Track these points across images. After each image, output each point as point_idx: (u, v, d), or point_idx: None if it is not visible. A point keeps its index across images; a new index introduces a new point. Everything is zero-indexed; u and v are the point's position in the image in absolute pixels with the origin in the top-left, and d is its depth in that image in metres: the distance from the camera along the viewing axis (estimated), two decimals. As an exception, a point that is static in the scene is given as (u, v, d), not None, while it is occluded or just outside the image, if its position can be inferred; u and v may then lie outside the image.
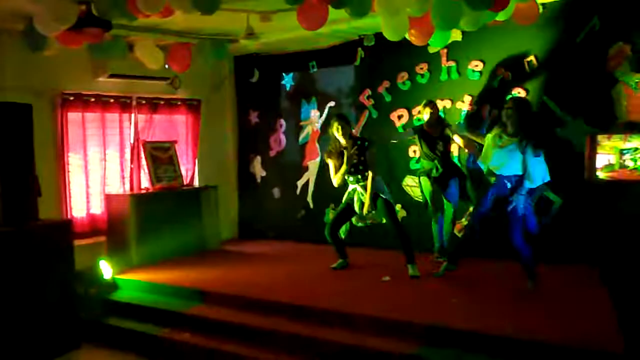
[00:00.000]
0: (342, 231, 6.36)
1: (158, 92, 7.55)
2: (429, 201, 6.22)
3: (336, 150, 6.03)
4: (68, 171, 6.69)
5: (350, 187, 6.07)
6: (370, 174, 5.87)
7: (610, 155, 1.07)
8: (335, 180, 6.01)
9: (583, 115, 5.81)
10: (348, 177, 6.00)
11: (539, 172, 5.00)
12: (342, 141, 5.98)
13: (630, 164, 1.03)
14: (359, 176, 5.94)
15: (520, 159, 5.02)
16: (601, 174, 1.04)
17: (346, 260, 6.32)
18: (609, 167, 1.03)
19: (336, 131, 5.98)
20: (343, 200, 6.15)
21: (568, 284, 5.24)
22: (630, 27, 5.55)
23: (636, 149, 1.01)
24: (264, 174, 8.45)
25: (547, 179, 5.04)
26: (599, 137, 1.15)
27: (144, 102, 7.42)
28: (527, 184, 5.01)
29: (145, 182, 7.42)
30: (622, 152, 1.04)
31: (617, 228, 1.08)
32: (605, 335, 3.94)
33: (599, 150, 1.08)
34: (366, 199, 5.88)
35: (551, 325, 4.25)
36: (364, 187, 5.92)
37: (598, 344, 3.83)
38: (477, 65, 6.48)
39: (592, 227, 4.98)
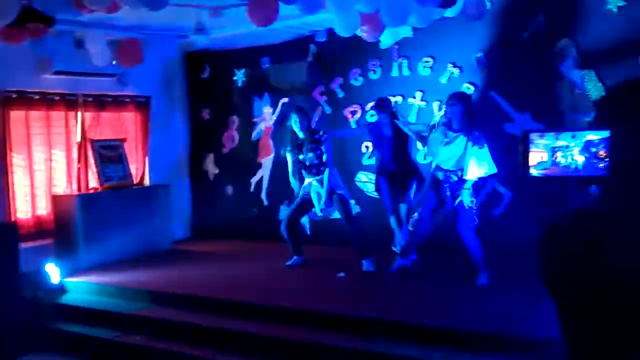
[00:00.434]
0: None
1: (105, 89, 7.35)
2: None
3: (294, 144, 6.01)
4: (12, 172, 6.45)
5: (306, 180, 6.05)
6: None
7: (543, 153, 1.11)
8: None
9: (530, 110, 5.96)
10: (304, 171, 5.98)
11: (483, 165, 5.10)
12: (300, 134, 5.96)
13: (561, 160, 1.07)
14: (314, 170, 5.93)
15: (465, 153, 5.13)
16: (534, 171, 1.08)
17: (302, 257, 6.30)
18: (542, 164, 1.07)
19: (294, 124, 5.96)
20: (299, 195, 6.13)
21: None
22: (575, 25, 5.70)
23: (567, 146, 1.05)
24: (216, 171, 8.35)
25: (494, 171, 5.14)
26: (532, 136, 1.19)
27: (90, 99, 7.21)
28: (468, 178, 5.14)
29: (93, 182, 7.22)
30: (553, 150, 1.08)
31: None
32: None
33: (532, 149, 1.12)
34: (322, 193, 5.88)
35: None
36: (320, 182, 5.91)
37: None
38: (427, 62, 6.56)
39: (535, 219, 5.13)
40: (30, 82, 6.61)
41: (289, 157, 6.11)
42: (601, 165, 0.90)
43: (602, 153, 0.91)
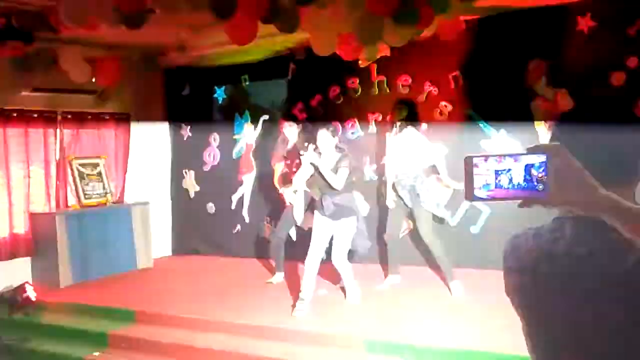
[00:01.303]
0: None
1: (85, 106, 7.34)
2: None
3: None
4: (-12, 189, 6.41)
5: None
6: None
7: (488, 176, 1.17)
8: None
9: (505, 127, 6.07)
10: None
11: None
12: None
13: (504, 183, 1.13)
14: None
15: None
16: (481, 193, 1.14)
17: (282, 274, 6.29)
18: (486, 186, 1.13)
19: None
20: None
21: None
22: (547, 44, 5.83)
23: (509, 169, 1.11)
24: (197, 189, 8.34)
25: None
26: (475, 160, 1.25)
27: (69, 116, 7.21)
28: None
29: (72, 200, 7.18)
30: (497, 173, 1.14)
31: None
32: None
33: (476, 172, 1.18)
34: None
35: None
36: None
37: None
38: (406, 80, 6.65)
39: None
40: (9, 98, 6.59)
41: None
42: (540, 187, 0.97)
43: (540, 175, 0.97)
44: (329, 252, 5.30)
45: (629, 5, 5.38)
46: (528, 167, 1.07)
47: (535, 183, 1.06)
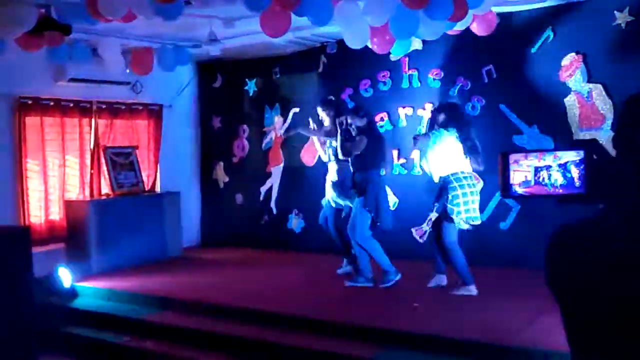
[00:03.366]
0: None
1: (119, 97, 7.47)
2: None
3: None
4: (26, 177, 6.57)
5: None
6: None
7: (528, 172, 1.16)
8: None
9: (537, 123, 6.00)
10: None
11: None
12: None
13: (544, 180, 1.12)
14: None
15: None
16: (519, 190, 1.13)
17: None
18: (526, 183, 1.12)
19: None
20: None
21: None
22: (583, 39, 5.75)
23: (549, 166, 1.10)
24: (226, 179, 8.43)
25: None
26: (516, 156, 1.24)
27: (104, 107, 7.33)
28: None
29: (105, 188, 7.32)
30: (537, 170, 1.13)
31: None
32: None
33: (517, 168, 1.17)
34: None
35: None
36: None
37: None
38: (437, 74, 6.62)
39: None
40: (46, 89, 6.74)
41: None
42: (578, 184, 0.97)
43: (578, 172, 0.97)
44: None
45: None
46: (567, 164, 1.08)
47: (575, 180, 1.07)
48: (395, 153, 6.86)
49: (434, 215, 5.42)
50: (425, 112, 6.70)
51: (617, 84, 5.54)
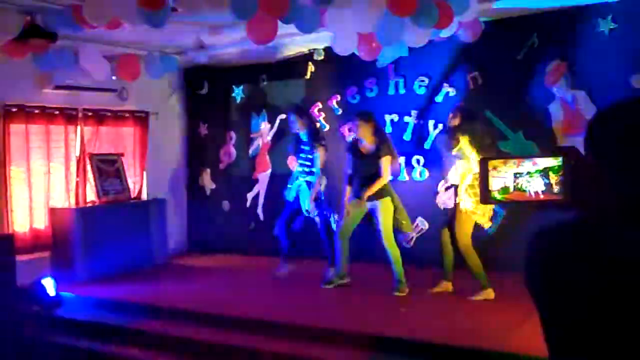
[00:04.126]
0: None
1: (105, 103, 7.43)
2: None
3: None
4: (10, 184, 6.50)
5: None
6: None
7: (506, 178, 1.16)
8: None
9: (522, 129, 6.06)
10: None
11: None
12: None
13: (523, 186, 1.13)
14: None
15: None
16: (498, 196, 1.13)
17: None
18: (505, 189, 1.12)
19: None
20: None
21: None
22: (567, 46, 5.82)
23: (528, 172, 1.10)
24: (213, 186, 8.41)
25: None
26: (494, 162, 1.24)
27: (90, 114, 7.29)
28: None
29: (91, 196, 7.27)
30: (515, 176, 1.14)
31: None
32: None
33: (496, 175, 1.18)
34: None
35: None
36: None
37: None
38: (423, 81, 6.66)
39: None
40: (31, 96, 6.69)
41: None
42: (557, 190, 0.98)
43: (556, 178, 0.99)
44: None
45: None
46: (546, 170, 1.09)
47: (553, 186, 1.08)
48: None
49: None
50: (411, 119, 6.74)
51: (600, 90, 5.60)
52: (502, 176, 1.10)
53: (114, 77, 6.54)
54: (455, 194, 5.33)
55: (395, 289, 5.56)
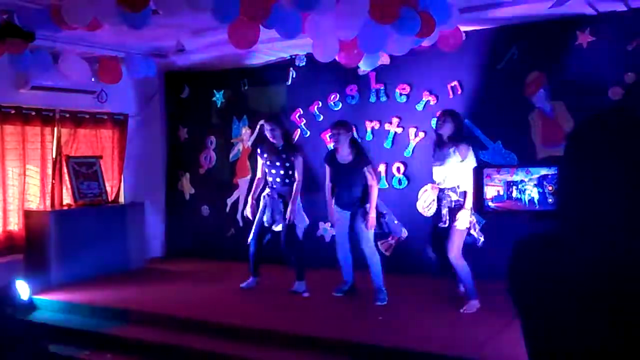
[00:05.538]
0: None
1: (83, 105, 7.34)
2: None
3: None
4: (-16, 185, 6.39)
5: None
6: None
7: (500, 187, 1.16)
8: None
9: (502, 139, 6.11)
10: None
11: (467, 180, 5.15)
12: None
13: (517, 195, 1.12)
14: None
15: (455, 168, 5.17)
16: (492, 205, 1.13)
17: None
18: (498, 198, 1.12)
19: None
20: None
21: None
22: (546, 57, 5.88)
23: (522, 181, 1.10)
24: (192, 191, 8.34)
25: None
26: (489, 170, 1.24)
27: (67, 115, 7.19)
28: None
29: (67, 198, 7.17)
30: (509, 185, 1.13)
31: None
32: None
33: (489, 183, 1.17)
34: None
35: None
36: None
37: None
38: (404, 89, 6.68)
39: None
40: (7, 96, 6.58)
41: None
42: (551, 200, 0.98)
43: (550, 188, 0.98)
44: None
45: (628, 23, 5.43)
46: (541, 180, 1.09)
47: (548, 196, 1.08)
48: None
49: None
50: (392, 127, 6.75)
51: (578, 102, 5.67)
52: (496, 184, 1.09)
53: (93, 79, 6.46)
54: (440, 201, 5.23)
55: (377, 299, 5.51)
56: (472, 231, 5.15)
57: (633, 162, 1.15)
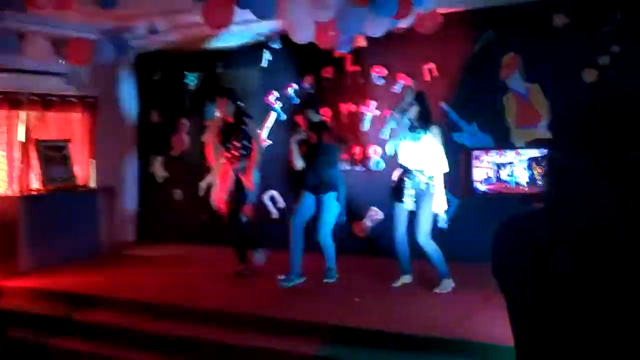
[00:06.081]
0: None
1: (52, 88, 7.14)
2: None
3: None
4: (-52, 171, 6.20)
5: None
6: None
7: (489, 169, 1.13)
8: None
9: (477, 121, 6.12)
10: None
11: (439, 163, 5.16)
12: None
13: (506, 177, 1.10)
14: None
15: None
16: (481, 187, 1.09)
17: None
18: (488, 180, 1.09)
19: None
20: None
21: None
22: (522, 39, 5.90)
23: (511, 163, 1.08)
24: (165, 174, 8.21)
25: (446, 169, 5.17)
26: (477, 152, 1.20)
27: (36, 98, 6.99)
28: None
29: (36, 183, 7.00)
30: (498, 167, 1.11)
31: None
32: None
33: (478, 165, 1.14)
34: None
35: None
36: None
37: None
38: (380, 71, 6.64)
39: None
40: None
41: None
42: (541, 182, 0.96)
43: (539, 170, 0.97)
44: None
45: (602, 5, 5.46)
46: (530, 162, 1.06)
47: (537, 178, 1.05)
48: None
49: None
50: (369, 109, 6.72)
51: (553, 84, 5.71)
52: (485, 166, 1.05)
53: (61, 61, 6.28)
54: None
55: (326, 276, 5.56)
56: (440, 215, 5.18)
57: (618, 143, 1.15)
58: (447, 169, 5.12)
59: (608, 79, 5.39)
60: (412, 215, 5.20)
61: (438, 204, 5.10)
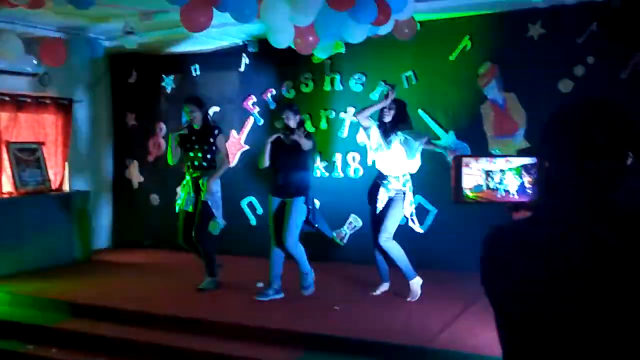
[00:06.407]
0: None
1: (24, 89, 7.00)
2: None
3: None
4: None
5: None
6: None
7: (479, 176, 1.14)
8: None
9: (454, 129, 6.16)
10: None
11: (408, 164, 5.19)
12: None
13: (495, 185, 1.10)
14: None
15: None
16: (470, 194, 1.10)
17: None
18: (478, 187, 1.10)
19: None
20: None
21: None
22: (498, 49, 5.95)
23: (501, 170, 1.08)
24: (141, 179, 8.10)
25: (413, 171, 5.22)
26: (466, 159, 1.21)
27: (7, 99, 6.84)
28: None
29: (7, 186, 6.84)
30: (488, 174, 1.11)
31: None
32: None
33: (468, 172, 1.15)
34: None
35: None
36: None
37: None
38: (359, 78, 6.65)
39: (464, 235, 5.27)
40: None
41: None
42: (530, 191, 0.96)
43: (529, 179, 0.96)
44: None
45: (578, 16, 5.53)
46: (520, 170, 1.05)
47: (527, 186, 1.04)
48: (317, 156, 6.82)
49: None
50: (347, 115, 6.72)
51: (529, 93, 5.77)
52: (474, 173, 1.04)
53: (35, 62, 6.17)
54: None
55: (302, 286, 5.38)
56: (410, 222, 5.18)
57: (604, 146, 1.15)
58: (414, 171, 5.17)
59: (583, 88, 5.47)
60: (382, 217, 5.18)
61: (407, 208, 5.14)
